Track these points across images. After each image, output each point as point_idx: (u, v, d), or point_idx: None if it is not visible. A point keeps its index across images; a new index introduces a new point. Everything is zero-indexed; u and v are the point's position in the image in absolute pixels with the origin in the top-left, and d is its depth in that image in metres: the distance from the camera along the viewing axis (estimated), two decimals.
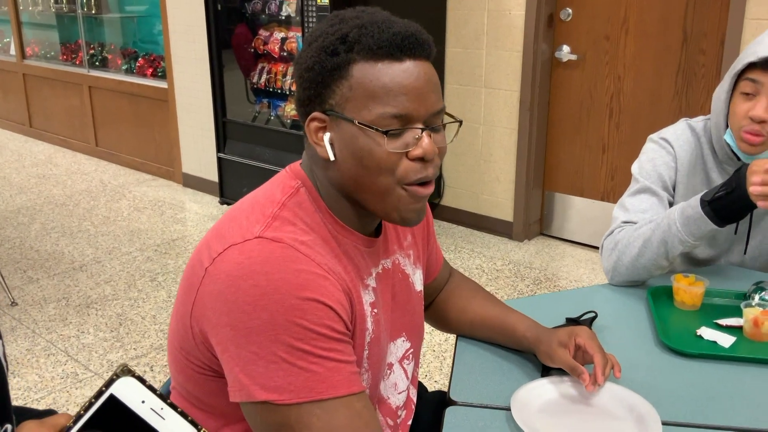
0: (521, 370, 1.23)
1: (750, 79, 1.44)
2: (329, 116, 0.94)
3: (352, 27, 0.93)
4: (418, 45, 0.93)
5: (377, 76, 0.91)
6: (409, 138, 0.93)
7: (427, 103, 0.94)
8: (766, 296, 1.39)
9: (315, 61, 0.93)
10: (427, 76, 0.94)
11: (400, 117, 0.92)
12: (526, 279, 3.48)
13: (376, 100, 0.91)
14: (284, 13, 3.92)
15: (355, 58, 0.91)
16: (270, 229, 0.91)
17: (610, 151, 3.71)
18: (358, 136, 0.92)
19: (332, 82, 0.92)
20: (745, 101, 1.46)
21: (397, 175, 0.94)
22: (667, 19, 3.36)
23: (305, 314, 0.86)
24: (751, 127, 1.45)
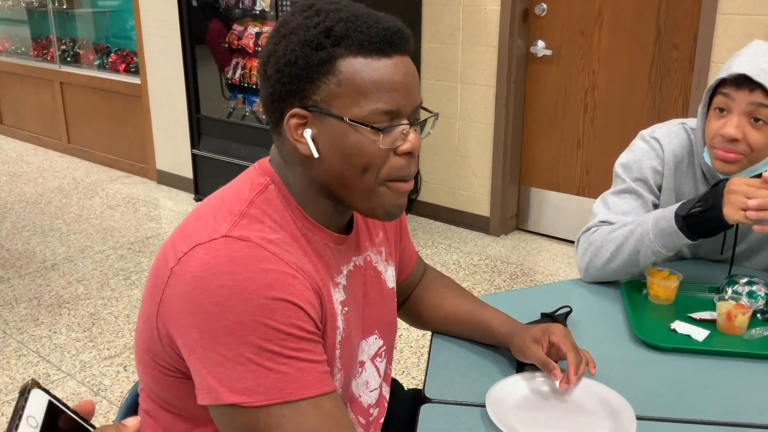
0: (496, 366, 1.22)
1: (723, 93, 1.40)
2: (312, 112, 0.91)
3: (336, 20, 0.90)
4: (404, 40, 0.92)
5: (368, 72, 0.89)
6: (397, 134, 0.92)
7: (413, 98, 0.93)
8: (739, 289, 1.39)
9: (298, 55, 0.90)
10: (412, 72, 0.94)
11: (390, 113, 0.91)
12: (503, 274, 3.49)
13: (367, 96, 0.89)
14: (258, 7, 3.88)
15: (343, 53, 0.89)
16: (237, 228, 0.89)
17: (585, 145, 3.72)
18: (348, 134, 0.90)
19: (317, 78, 0.90)
20: (718, 118, 1.42)
21: (382, 172, 0.93)
22: (641, 14, 3.38)
23: (273, 314, 0.84)
24: (722, 144, 1.41)
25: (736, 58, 1.40)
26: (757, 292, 1.38)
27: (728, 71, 1.38)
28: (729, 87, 1.39)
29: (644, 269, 1.48)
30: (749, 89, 1.36)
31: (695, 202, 1.37)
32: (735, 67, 1.37)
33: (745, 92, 1.36)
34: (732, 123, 1.38)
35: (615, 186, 1.61)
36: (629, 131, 3.54)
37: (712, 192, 1.35)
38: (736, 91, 1.38)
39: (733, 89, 1.38)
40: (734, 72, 1.36)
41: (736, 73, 1.36)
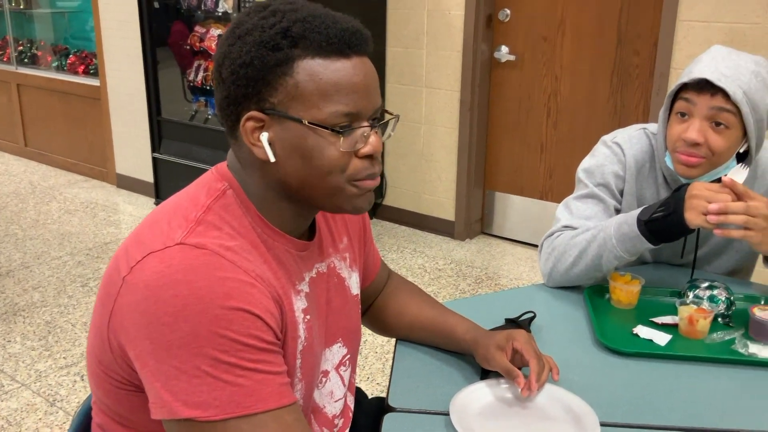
0: (460, 374, 1.21)
1: (684, 99, 1.41)
2: (269, 115, 0.89)
3: (293, 20, 0.88)
4: (363, 41, 0.90)
5: (327, 74, 0.87)
6: (357, 136, 0.90)
7: (373, 100, 0.92)
8: (700, 294, 1.41)
9: (254, 56, 0.87)
10: (372, 73, 0.92)
11: (350, 115, 0.89)
12: (467, 278, 3.49)
13: (326, 98, 0.87)
14: (221, 9, 3.83)
15: (300, 54, 0.86)
16: (193, 235, 0.86)
17: (548, 150, 3.75)
18: (307, 137, 0.88)
19: (274, 79, 0.87)
20: (680, 123, 1.43)
21: (347, 173, 0.91)
22: (602, 20, 3.42)
23: (231, 324, 0.81)
24: (685, 149, 1.42)
25: (696, 63, 1.41)
26: (717, 296, 1.40)
27: (689, 76, 1.39)
28: (690, 92, 1.40)
29: (607, 274, 1.48)
30: (710, 94, 1.37)
31: (657, 207, 1.38)
32: (696, 72, 1.38)
33: (707, 97, 1.38)
34: (694, 127, 1.39)
35: (578, 191, 1.62)
36: (591, 136, 3.58)
37: (674, 197, 1.36)
38: (698, 96, 1.39)
39: (694, 94, 1.39)
40: (695, 77, 1.37)
41: (697, 78, 1.37)
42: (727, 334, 1.33)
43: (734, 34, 2.89)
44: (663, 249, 1.61)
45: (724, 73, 1.36)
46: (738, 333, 1.33)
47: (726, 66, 1.37)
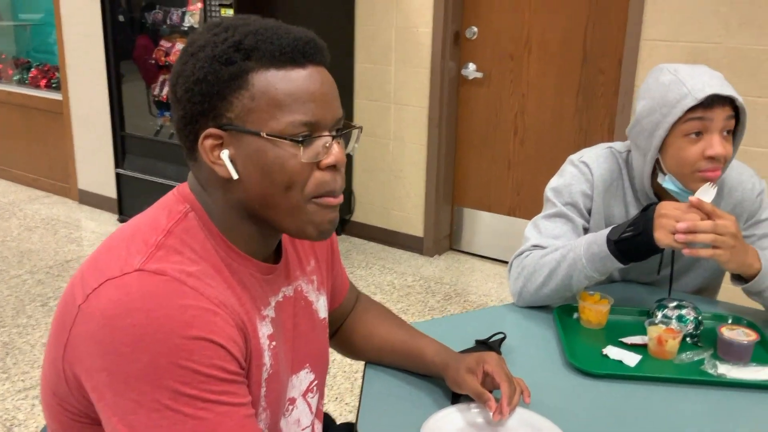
0: (431, 398, 1.19)
1: (696, 118, 1.38)
2: (227, 131, 0.86)
3: (244, 34, 0.86)
4: (318, 50, 0.89)
5: (282, 84, 0.85)
6: (319, 147, 0.88)
7: (333, 109, 0.90)
8: (669, 313, 1.41)
9: (207, 71, 0.85)
10: (330, 82, 0.90)
11: (309, 125, 0.87)
12: (436, 294, 3.48)
13: (283, 108, 0.85)
14: (187, 23, 3.79)
15: (254, 66, 0.85)
16: (153, 261, 0.83)
17: (515, 167, 3.77)
18: (267, 150, 0.86)
19: (229, 94, 0.85)
20: (694, 143, 1.40)
21: (307, 189, 0.88)
22: (568, 39, 3.46)
23: (192, 355, 0.78)
24: (709, 165, 1.40)
25: (681, 84, 1.38)
26: (686, 315, 1.40)
27: (694, 98, 1.36)
28: (700, 110, 1.37)
29: (577, 293, 1.48)
30: (721, 106, 1.37)
31: (626, 227, 1.38)
32: (696, 91, 1.36)
33: (719, 110, 1.38)
34: (717, 142, 1.38)
35: (546, 210, 1.61)
36: (558, 153, 3.62)
37: (643, 216, 1.36)
38: (711, 111, 1.37)
39: (706, 111, 1.37)
40: (702, 95, 1.36)
41: (707, 95, 1.36)
42: (696, 354, 1.33)
43: (696, 53, 2.94)
44: (632, 267, 1.62)
45: (721, 84, 1.38)
46: (707, 353, 1.33)
47: (712, 77, 1.39)
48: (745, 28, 2.82)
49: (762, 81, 2.83)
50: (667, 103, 1.40)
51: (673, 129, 1.41)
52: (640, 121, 1.46)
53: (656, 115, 1.42)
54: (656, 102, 1.42)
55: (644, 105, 1.45)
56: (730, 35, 2.86)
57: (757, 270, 1.36)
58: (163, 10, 3.88)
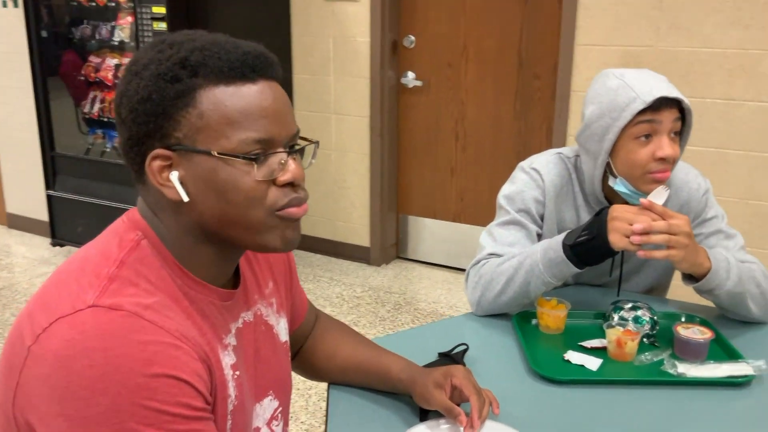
0: (398, 416, 1.16)
1: (645, 121, 1.40)
2: (175, 151, 0.82)
3: (190, 50, 0.82)
4: (268, 65, 0.85)
5: (232, 100, 0.81)
6: (274, 164, 0.84)
7: (287, 125, 0.86)
8: (625, 315, 1.43)
9: (152, 90, 0.81)
10: (283, 97, 0.87)
11: (262, 142, 0.83)
12: (386, 304, 3.46)
13: (234, 126, 0.81)
14: (117, 38, 3.67)
15: (202, 83, 0.81)
16: (107, 295, 0.78)
17: (458, 173, 3.80)
18: (219, 169, 0.82)
19: (176, 112, 0.81)
20: (643, 146, 1.42)
21: (267, 204, 0.84)
22: (504, 46, 3.51)
23: (155, 394, 0.73)
24: (660, 166, 1.42)
25: (629, 89, 1.41)
26: (642, 316, 1.42)
27: (642, 101, 1.38)
28: (648, 113, 1.40)
29: (534, 300, 1.48)
30: (669, 108, 1.41)
31: (581, 231, 1.39)
32: (644, 94, 1.39)
33: (667, 112, 1.40)
34: (666, 143, 1.41)
35: (499, 218, 1.62)
36: (499, 158, 3.66)
37: (596, 220, 1.38)
38: (660, 114, 1.40)
39: (655, 114, 1.40)
40: (651, 98, 1.38)
41: (655, 98, 1.38)
42: (654, 354, 1.35)
43: (629, 56, 3.03)
44: (585, 270, 1.63)
45: (668, 87, 1.41)
46: (665, 353, 1.35)
47: (657, 80, 1.43)
48: (674, 31, 2.92)
49: (692, 82, 2.93)
50: (616, 107, 1.42)
51: (622, 132, 1.43)
52: (590, 126, 1.48)
53: (606, 119, 1.44)
54: (605, 106, 1.44)
55: (593, 110, 1.47)
56: (660, 38, 2.96)
57: (708, 268, 1.39)
58: (92, 25, 3.74)
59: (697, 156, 2.97)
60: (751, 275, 1.45)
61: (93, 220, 3.84)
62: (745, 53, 2.82)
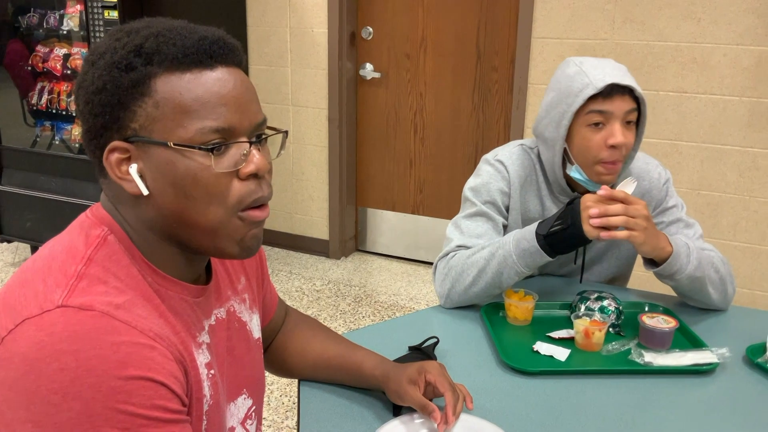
0: (371, 412, 1.15)
1: (597, 111, 1.43)
2: (133, 143, 0.79)
3: (146, 37, 0.79)
4: (228, 50, 0.82)
5: (188, 88, 0.78)
6: (236, 155, 0.81)
7: (250, 113, 0.82)
8: (591, 306, 1.44)
9: (106, 80, 0.77)
10: (245, 84, 0.83)
11: (222, 131, 0.79)
12: (347, 297, 3.44)
13: (191, 115, 0.77)
14: (65, 27, 3.54)
15: (157, 71, 0.77)
16: (75, 294, 0.74)
17: (417, 165, 3.80)
18: (176, 161, 0.78)
19: (131, 102, 0.77)
20: (596, 132, 1.45)
21: (229, 201, 0.81)
22: (462, 39, 3.52)
23: (130, 397, 0.70)
24: (611, 155, 1.44)
25: (583, 75, 1.43)
26: (608, 307, 1.44)
27: (594, 87, 1.41)
28: (600, 100, 1.42)
29: (505, 290, 1.49)
30: (621, 95, 1.42)
31: (554, 221, 1.41)
32: (596, 81, 1.41)
33: (619, 99, 1.43)
34: (617, 131, 1.43)
35: (466, 210, 1.62)
36: (457, 150, 3.68)
37: (570, 210, 1.40)
38: (611, 102, 1.42)
39: (606, 101, 1.42)
40: (603, 85, 1.41)
41: (606, 85, 1.41)
42: (621, 344, 1.37)
43: (585, 49, 3.07)
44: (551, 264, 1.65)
45: (622, 75, 1.42)
46: (632, 343, 1.37)
47: (614, 68, 1.44)
48: (628, 25, 2.97)
49: (646, 74, 2.99)
50: (570, 93, 1.45)
51: (577, 119, 1.46)
52: (549, 112, 1.50)
53: (562, 105, 1.47)
54: (561, 93, 1.47)
55: (552, 97, 1.50)
56: (615, 31, 3.00)
57: (669, 253, 1.42)
58: (39, 14, 3.61)
59: (651, 147, 3.03)
60: (710, 261, 1.48)
61: (42, 215, 3.72)
62: (697, 46, 2.88)
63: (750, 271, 3.03)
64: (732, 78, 2.86)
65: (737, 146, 2.92)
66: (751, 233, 2.99)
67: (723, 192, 2.99)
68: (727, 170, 2.96)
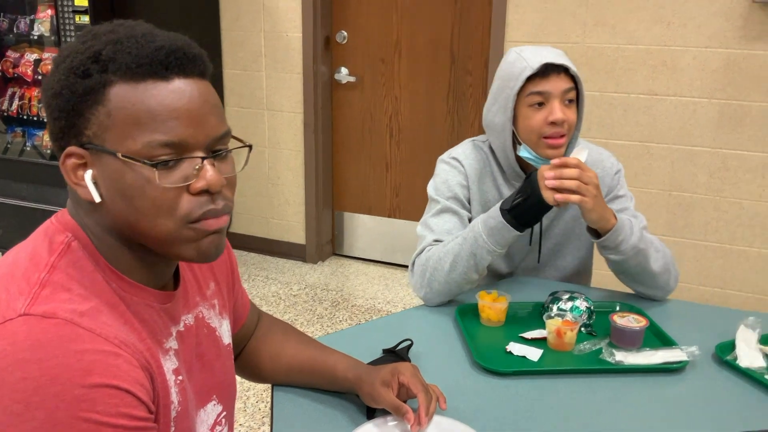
0: (345, 415, 1.15)
1: (536, 92, 1.51)
2: (88, 150, 0.78)
3: (105, 43, 0.78)
4: (187, 61, 0.79)
5: (140, 99, 0.76)
6: (188, 169, 0.79)
7: (206, 127, 0.80)
8: (563, 306, 1.46)
9: (63, 85, 0.77)
10: (203, 97, 0.80)
11: (172, 145, 0.77)
12: (324, 302, 3.44)
13: (141, 127, 0.76)
14: (36, 32, 3.50)
15: (112, 79, 0.76)
16: (38, 302, 0.73)
17: (393, 168, 3.80)
18: (125, 172, 0.77)
19: (86, 109, 0.77)
20: (537, 111, 1.53)
21: (178, 214, 0.79)
22: (436, 43, 3.53)
23: (95, 405, 0.69)
24: (553, 131, 1.52)
25: (521, 60, 1.52)
26: (579, 307, 1.45)
27: (531, 69, 1.49)
28: (538, 81, 1.51)
29: (481, 275, 1.54)
30: (557, 75, 1.51)
31: (515, 195, 1.47)
32: (533, 63, 1.50)
33: (556, 78, 1.51)
34: (556, 108, 1.51)
35: (431, 209, 1.68)
36: (433, 153, 3.67)
37: (528, 183, 1.46)
38: (548, 81, 1.51)
39: (544, 81, 1.51)
40: (539, 64, 1.49)
41: (541, 64, 1.49)
42: (593, 344, 1.38)
43: None
44: (514, 247, 1.70)
45: (556, 56, 1.51)
46: (603, 342, 1.38)
47: (550, 51, 1.53)
48: (599, 28, 3.01)
49: (617, 77, 3.03)
50: (512, 77, 1.53)
51: (520, 100, 1.54)
52: (497, 99, 1.58)
53: (506, 90, 1.55)
54: (504, 79, 1.55)
55: (497, 84, 1.58)
56: (586, 35, 3.04)
57: (614, 224, 1.48)
58: (9, 18, 3.56)
59: (622, 149, 3.07)
60: (651, 240, 1.56)
61: (14, 222, 3.66)
62: (667, 49, 2.93)
63: (720, 271, 3.08)
64: (701, 80, 2.90)
65: (707, 147, 2.96)
66: (721, 233, 3.03)
67: (693, 193, 3.04)
68: (697, 171, 3.01)
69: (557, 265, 1.75)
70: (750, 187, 2.94)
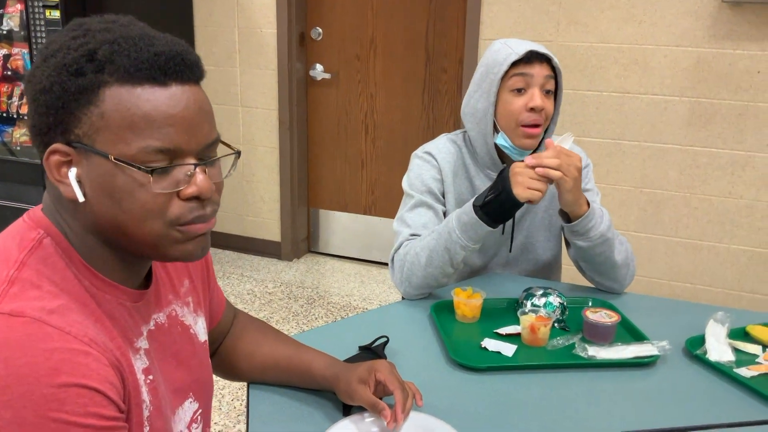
0: (322, 412, 1.15)
1: (519, 74, 1.54)
2: (75, 148, 0.77)
3: (101, 42, 0.77)
4: (186, 67, 0.79)
5: (136, 104, 0.76)
6: (179, 175, 0.79)
7: (200, 134, 0.80)
8: (537, 302, 1.47)
9: (54, 81, 0.76)
10: (199, 104, 0.81)
11: (166, 152, 0.77)
12: (299, 299, 3.43)
13: (136, 131, 0.76)
14: (5, 27, 3.43)
15: (107, 81, 0.75)
16: (7, 300, 0.72)
17: (368, 165, 3.81)
18: (116, 175, 0.77)
19: (77, 108, 0.76)
20: (518, 97, 1.56)
21: (167, 217, 0.80)
22: (411, 40, 3.54)
23: (63, 405, 0.69)
24: (531, 118, 1.55)
25: (507, 47, 1.56)
26: (552, 302, 1.47)
27: (516, 54, 1.53)
28: (522, 66, 1.54)
29: (457, 268, 1.56)
30: (540, 63, 1.55)
31: (487, 192, 1.48)
32: (518, 50, 1.54)
33: (538, 66, 1.55)
34: (536, 95, 1.55)
35: (406, 204, 1.70)
36: (409, 150, 3.67)
37: (500, 179, 1.47)
38: (531, 67, 1.54)
39: (527, 67, 1.55)
40: (523, 51, 1.53)
41: (527, 51, 1.53)
42: (566, 339, 1.40)
43: None
44: (487, 242, 1.72)
45: (540, 48, 1.55)
46: (576, 337, 1.40)
47: (534, 43, 1.58)
48: (572, 27, 3.03)
49: (589, 75, 3.06)
50: (497, 63, 1.57)
51: (502, 85, 1.57)
52: (480, 85, 1.61)
53: (490, 75, 1.58)
54: (489, 66, 1.59)
55: (481, 72, 1.62)
56: (560, 33, 3.06)
57: (586, 210, 1.52)
58: None
59: (594, 147, 3.10)
60: (616, 233, 1.59)
61: None
62: (638, 48, 2.96)
63: (691, 267, 3.13)
64: (672, 78, 2.94)
65: (678, 145, 3.01)
66: (692, 229, 3.08)
67: (665, 189, 3.08)
68: (668, 168, 3.05)
69: (529, 258, 1.77)
70: (720, 184, 2.99)
